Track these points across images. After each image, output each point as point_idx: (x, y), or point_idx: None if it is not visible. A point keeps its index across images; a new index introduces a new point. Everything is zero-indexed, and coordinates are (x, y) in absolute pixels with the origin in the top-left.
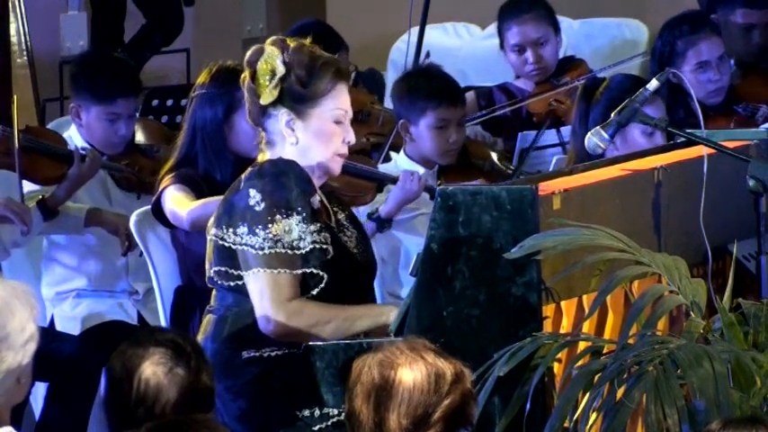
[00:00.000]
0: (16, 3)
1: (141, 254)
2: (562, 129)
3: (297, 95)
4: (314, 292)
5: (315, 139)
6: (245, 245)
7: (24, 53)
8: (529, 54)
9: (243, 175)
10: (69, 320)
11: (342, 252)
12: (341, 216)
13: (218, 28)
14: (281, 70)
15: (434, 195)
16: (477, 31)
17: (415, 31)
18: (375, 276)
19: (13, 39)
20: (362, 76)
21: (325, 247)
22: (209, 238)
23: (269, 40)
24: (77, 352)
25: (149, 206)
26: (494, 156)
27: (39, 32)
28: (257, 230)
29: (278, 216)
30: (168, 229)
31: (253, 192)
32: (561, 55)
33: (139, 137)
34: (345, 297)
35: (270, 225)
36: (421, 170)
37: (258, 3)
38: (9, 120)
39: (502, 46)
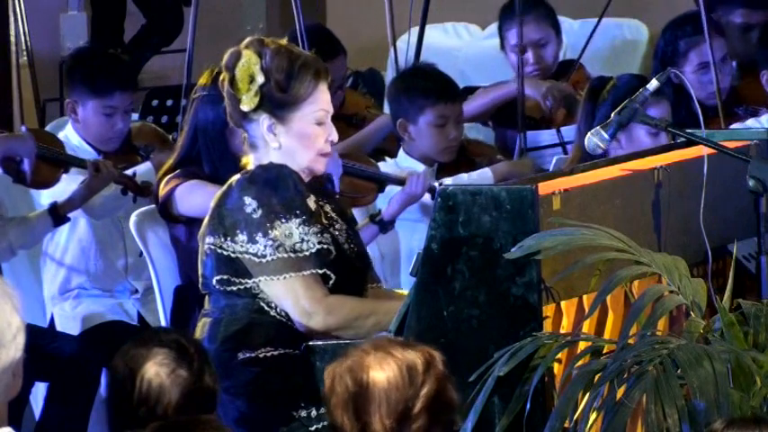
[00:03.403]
0: (16, 3)
1: (141, 254)
2: (562, 129)
3: (277, 101)
4: None
5: (298, 142)
6: (248, 253)
7: (24, 53)
8: (529, 55)
9: (233, 182)
10: (69, 320)
11: (338, 250)
12: (328, 209)
13: (219, 28)
14: (260, 78)
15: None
16: (477, 31)
17: (415, 31)
18: (369, 268)
19: (13, 39)
20: (362, 77)
21: (329, 248)
22: (204, 247)
23: (244, 43)
24: (77, 352)
25: (148, 207)
26: (497, 156)
27: (39, 32)
28: (257, 237)
29: (276, 221)
30: (175, 224)
31: (248, 199)
32: (561, 56)
33: (135, 139)
34: (344, 293)
35: (270, 231)
36: (421, 167)
37: (258, 3)
38: (8, 120)
39: (502, 46)
